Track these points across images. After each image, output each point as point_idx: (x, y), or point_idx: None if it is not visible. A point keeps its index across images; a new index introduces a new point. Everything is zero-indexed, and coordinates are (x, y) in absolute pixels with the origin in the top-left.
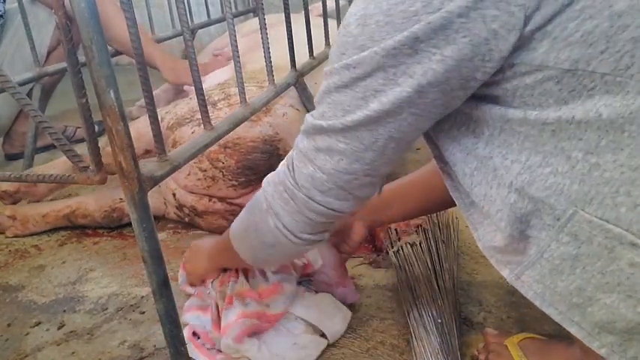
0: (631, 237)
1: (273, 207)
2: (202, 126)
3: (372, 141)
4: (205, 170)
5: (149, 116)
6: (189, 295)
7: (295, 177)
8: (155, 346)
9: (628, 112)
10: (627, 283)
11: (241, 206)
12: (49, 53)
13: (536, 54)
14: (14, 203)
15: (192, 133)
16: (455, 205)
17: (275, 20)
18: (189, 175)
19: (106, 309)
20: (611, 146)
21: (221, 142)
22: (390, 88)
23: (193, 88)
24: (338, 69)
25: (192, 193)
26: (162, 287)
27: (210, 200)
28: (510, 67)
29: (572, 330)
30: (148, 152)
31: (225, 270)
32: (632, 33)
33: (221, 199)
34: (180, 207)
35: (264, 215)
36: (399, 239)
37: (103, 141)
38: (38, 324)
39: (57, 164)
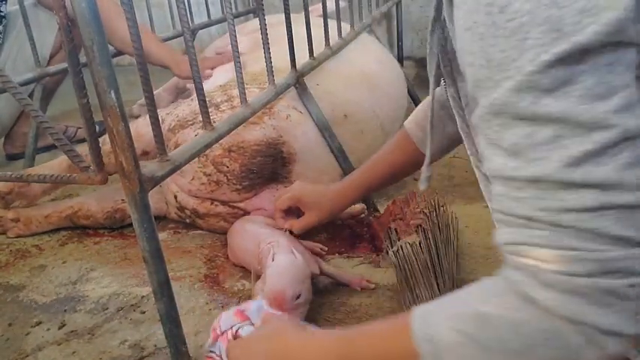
0: None
1: (584, 318)
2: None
3: None
4: (210, 174)
5: (150, 117)
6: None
7: (601, 241)
8: (156, 345)
9: None
10: None
11: (243, 209)
12: (51, 57)
13: None
14: (6, 205)
15: (195, 135)
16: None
17: (276, 20)
18: (193, 179)
19: (107, 309)
20: None
21: (225, 145)
22: (626, 65)
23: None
24: (542, 69)
25: (196, 197)
26: (163, 287)
27: (212, 203)
28: None
29: None
30: (145, 153)
31: None
32: None
33: (223, 203)
34: (181, 208)
35: (563, 342)
36: (399, 239)
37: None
38: (39, 323)
39: (52, 165)
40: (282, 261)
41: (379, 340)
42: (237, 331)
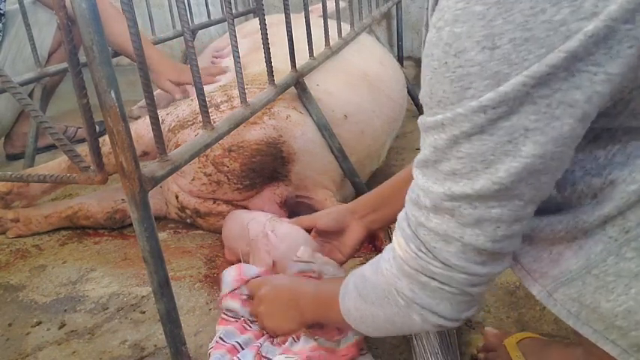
0: None
1: (418, 301)
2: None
3: (534, 193)
4: (210, 175)
5: (150, 117)
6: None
7: (441, 259)
8: (156, 345)
9: None
10: None
11: (244, 207)
12: (50, 55)
13: None
14: (6, 205)
15: (196, 136)
16: None
17: (276, 20)
18: (193, 180)
19: (107, 309)
20: None
21: (225, 145)
22: (547, 124)
23: (194, 88)
24: (466, 114)
25: (198, 197)
26: (163, 287)
27: (214, 202)
28: None
29: (607, 347)
30: (145, 154)
31: None
32: None
33: (225, 202)
34: (182, 208)
35: (404, 311)
36: None
37: (102, 141)
38: (39, 323)
39: (52, 165)
40: (284, 229)
41: (331, 284)
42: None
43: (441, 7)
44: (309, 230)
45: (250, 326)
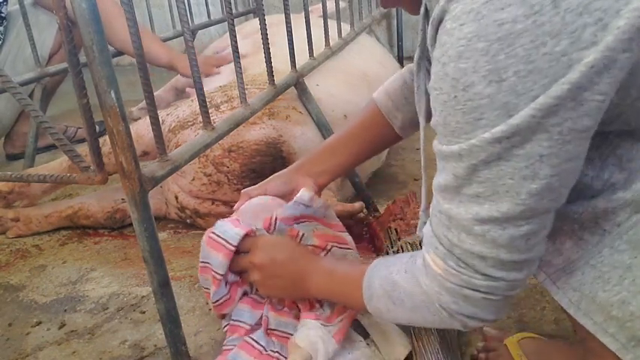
0: None
1: (464, 311)
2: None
3: (555, 204)
4: (210, 175)
5: (150, 117)
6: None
7: (482, 273)
8: (156, 345)
9: None
10: None
11: None
12: (50, 56)
13: None
14: (7, 205)
15: (196, 136)
16: (399, 139)
17: (276, 20)
18: (193, 180)
19: (107, 309)
20: None
21: (225, 145)
22: (560, 148)
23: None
24: (482, 145)
25: (198, 197)
26: (163, 287)
27: (213, 203)
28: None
29: (606, 340)
30: (145, 154)
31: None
32: None
33: (225, 203)
34: (182, 209)
35: (447, 320)
36: (399, 239)
37: (102, 141)
38: (39, 323)
39: (52, 165)
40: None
41: (349, 275)
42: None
43: (442, 43)
44: None
45: (238, 288)
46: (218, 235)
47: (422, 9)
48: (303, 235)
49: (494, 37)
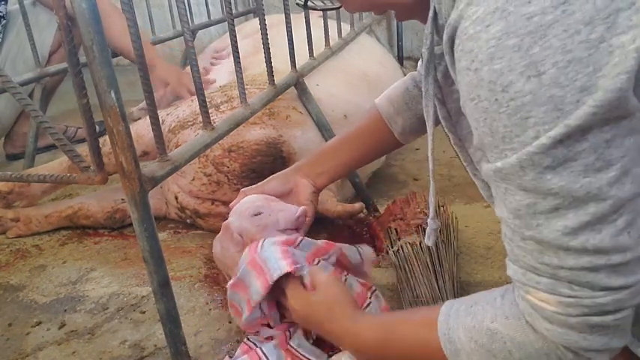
0: None
1: (594, 347)
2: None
3: (637, 186)
4: (210, 175)
5: (150, 117)
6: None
7: (600, 288)
8: (156, 345)
9: None
10: None
11: None
12: (50, 55)
13: None
14: (7, 205)
15: (196, 136)
16: (399, 146)
17: (276, 21)
18: (193, 180)
19: (107, 309)
20: None
21: (225, 145)
22: (621, 127)
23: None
24: (543, 151)
25: (198, 197)
26: (163, 287)
27: (213, 203)
28: None
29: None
30: (145, 154)
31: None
32: None
33: (224, 203)
34: (182, 209)
35: (556, 357)
36: (399, 239)
37: (102, 141)
38: (39, 323)
39: (52, 165)
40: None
41: (413, 330)
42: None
43: (469, 49)
44: None
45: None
46: (263, 260)
47: (430, 12)
48: (346, 279)
49: (524, 31)
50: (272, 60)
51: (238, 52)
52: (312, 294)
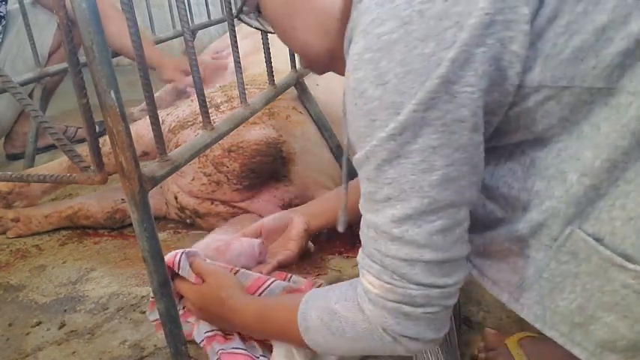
0: (619, 260)
1: (407, 333)
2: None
3: (460, 197)
4: (210, 175)
5: (150, 116)
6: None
7: (414, 282)
8: (156, 345)
9: (620, 126)
10: (623, 303)
11: (243, 208)
12: (50, 55)
13: (533, 74)
14: (7, 205)
15: (196, 136)
16: None
17: None
18: (193, 180)
19: (107, 309)
20: (606, 166)
21: (225, 145)
22: (448, 139)
23: (194, 89)
24: (380, 143)
25: (197, 197)
26: (163, 287)
27: (212, 203)
28: (515, 92)
29: (576, 351)
30: (145, 154)
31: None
32: (617, 46)
33: (224, 203)
34: (181, 209)
35: (390, 345)
36: None
37: (102, 141)
38: (39, 324)
39: (52, 165)
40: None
41: (282, 312)
42: None
43: (347, 63)
44: (258, 236)
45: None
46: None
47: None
48: (238, 270)
49: (376, 47)
50: (272, 60)
51: (238, 52)
52: (201, 286)
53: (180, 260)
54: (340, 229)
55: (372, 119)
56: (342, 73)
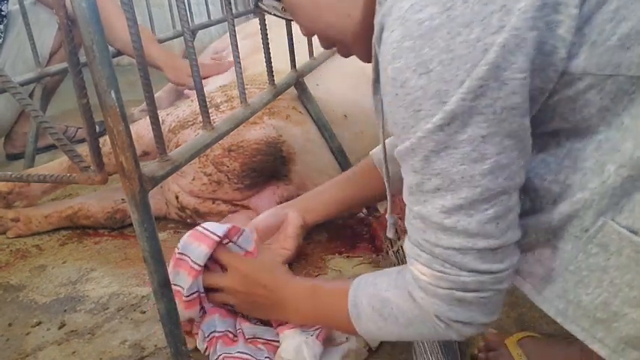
0: None
1: (460, 318)
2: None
3: (511, 183)
4: (210, 174)
5: (150, 116)
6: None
7: (467, 269)
8: (156, 345)
9: None
10: None
11: (245, 207)
12: (51, 56)
13: (578, 61)
14: (7, 205)
15: (196, 136)
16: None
17: (276, 21)
18: (194, 180)
19: (107, 308)
20: None
21: (225, 145)
22: (498, 126)
23: (194, 90)
24: (426, 135)
25: (198, 197)
26: (163, 287)
27: (214, 202)
28: (557, 79)
29: (595, 347)
30: (146, 154)
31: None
32: None
33: (225, 202)
34: (182, 208)
35: (443, 331)
36: (399, 239)
37: (102, 141)
38: (39, 324)
39: (52, 165)
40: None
41: (332, 296)
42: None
43: (381, 51)
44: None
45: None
46: (205, 228)
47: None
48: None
49: (417, 34)
50: (272, 60)
51: (238, 52)
52: (256, 259)
53: (243, 231)
54: (389, 234)
55: (416, 110)
56: (362, 57)
